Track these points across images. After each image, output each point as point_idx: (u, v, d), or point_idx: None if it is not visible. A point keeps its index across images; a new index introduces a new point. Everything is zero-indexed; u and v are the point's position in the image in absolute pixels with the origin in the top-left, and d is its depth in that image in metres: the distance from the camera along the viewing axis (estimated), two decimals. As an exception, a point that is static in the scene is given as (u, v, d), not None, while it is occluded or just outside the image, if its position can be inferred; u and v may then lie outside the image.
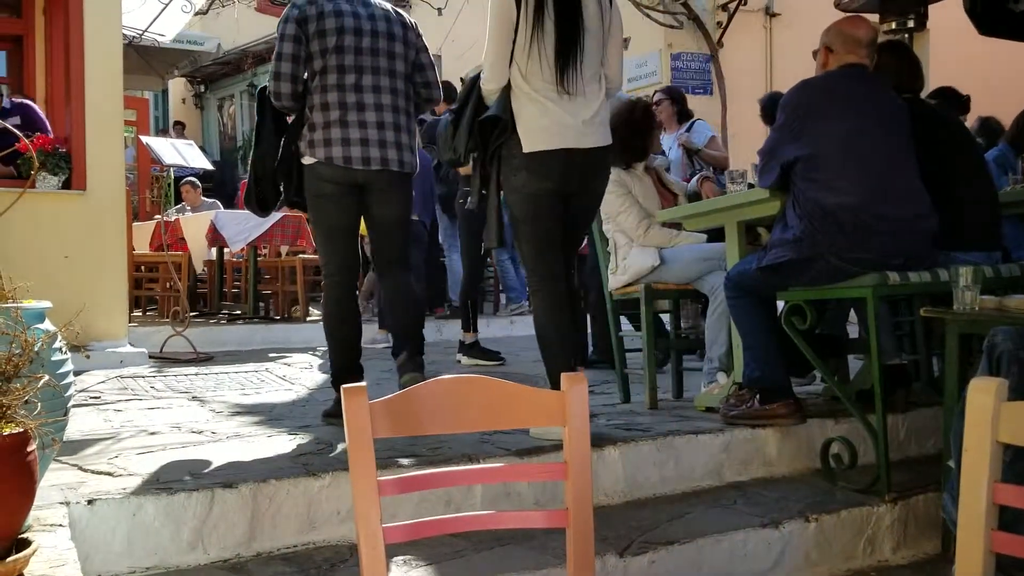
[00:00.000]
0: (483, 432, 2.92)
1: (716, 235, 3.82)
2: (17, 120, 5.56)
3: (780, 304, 3.25)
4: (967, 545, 1.37)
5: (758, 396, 3.19)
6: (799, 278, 3.08)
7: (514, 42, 2.97)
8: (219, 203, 9.74)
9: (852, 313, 3.85)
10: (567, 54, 2.96)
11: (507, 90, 3.01)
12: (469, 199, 3.20)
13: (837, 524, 2.83)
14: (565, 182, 3.01)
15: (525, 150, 2.97)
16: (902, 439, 3.48)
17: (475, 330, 5.56)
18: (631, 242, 3.93)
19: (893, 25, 4.82)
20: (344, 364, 3.39)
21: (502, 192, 3.13)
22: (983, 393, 1.37)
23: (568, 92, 2.98)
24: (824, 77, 3.22)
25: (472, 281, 5.65)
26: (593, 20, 3.04)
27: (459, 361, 5.46)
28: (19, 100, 5.76)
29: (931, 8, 4.98)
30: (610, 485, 2.91)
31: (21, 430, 1.58)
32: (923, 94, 3.84)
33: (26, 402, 1.65)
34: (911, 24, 4.82)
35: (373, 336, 6.22)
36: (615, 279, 3.97)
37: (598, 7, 3.07)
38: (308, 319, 7.36)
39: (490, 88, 3.04)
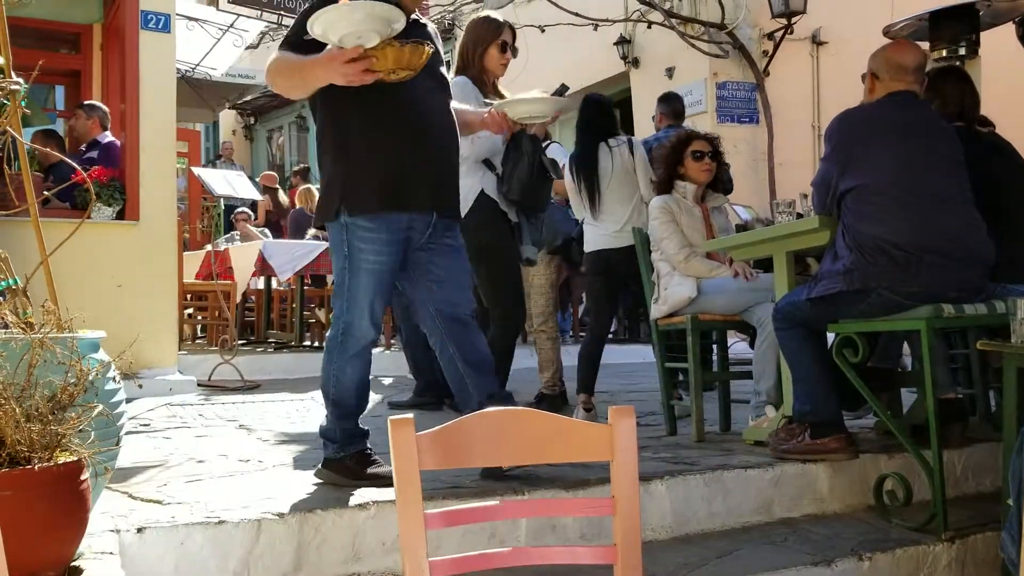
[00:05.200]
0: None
1: (764, 265, 3.78)
2: (95, 154, 5.73)
3: (830, 336, 3.20)
4: (1033, 590, 1.32)
5: (809, 430, 3.13)
6: (850, 310, 3.02)
7: None
8: (268, 232, 9.90)
9: (905, 345, 3.78)
10: None
11: None
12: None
13: (892, 563, 2.75)
14: None
15: None
16: (959, 476, 3.39)
17: None
18: (673, 272, 3.90)
19: (944, 52, 4.74)
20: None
21: None
22: (1048, 431, 1.33)
23: None
24: (867, 107, 3.16)
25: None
26: None
27: None
28: (110, 140, 5.93)
29: (983, 35, 4.90)
30: (657, 520, 2.87)
31: (75, 459, 1.61)
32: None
33: (80, 431, 1.68)
34: (962, 51, 4.74)
35: None
36: (656, 309, 3.95)
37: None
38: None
39: None
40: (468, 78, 3.87)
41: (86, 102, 6.30)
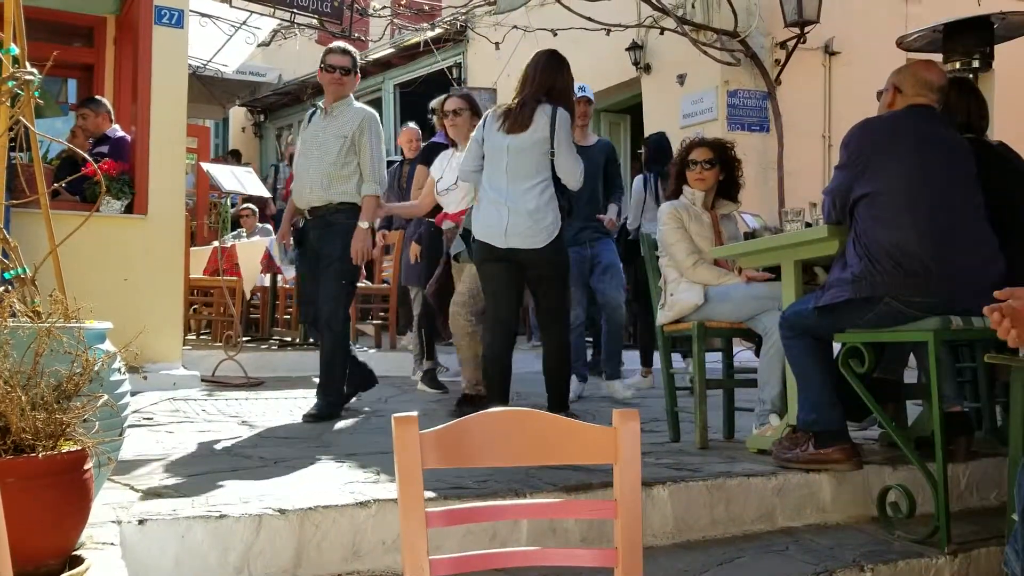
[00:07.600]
0: (531, 466, 2.90)
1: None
2: (105, 149, 5.74)
3: (837, 346, 3.19)
4: (1037, 604, 1.31)
5: (813, 440, 3.12)
6: (857, 320, 3.01)
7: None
8: (271, 228, 9.90)
9: (911, 357, 3.76)
10: None
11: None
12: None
13: (894, 575, 2.74)
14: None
15: None
16: (963, 489, 3.37)
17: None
18: (680, 277, 3.90)
19: (957, 65, 4.73)
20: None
21: None
22: (1056, 445, 1.32)
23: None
24: (888, 116, 3.17)
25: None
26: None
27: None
28: (120, 134, 5.94)
29: (997, 48, 4.89)
30: (658, 526, 2.86)
31: (79, 448, 1.61)
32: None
33: (84, 421, 1.68)
34: (976, 64, 4.73)
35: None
36: (663, 314, 3.94)
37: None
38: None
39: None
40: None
41: (90, 99, 6.30)
